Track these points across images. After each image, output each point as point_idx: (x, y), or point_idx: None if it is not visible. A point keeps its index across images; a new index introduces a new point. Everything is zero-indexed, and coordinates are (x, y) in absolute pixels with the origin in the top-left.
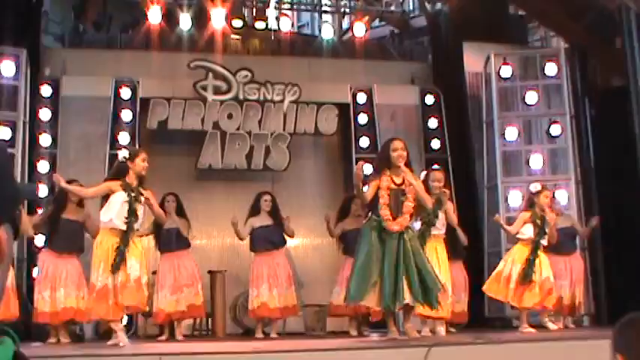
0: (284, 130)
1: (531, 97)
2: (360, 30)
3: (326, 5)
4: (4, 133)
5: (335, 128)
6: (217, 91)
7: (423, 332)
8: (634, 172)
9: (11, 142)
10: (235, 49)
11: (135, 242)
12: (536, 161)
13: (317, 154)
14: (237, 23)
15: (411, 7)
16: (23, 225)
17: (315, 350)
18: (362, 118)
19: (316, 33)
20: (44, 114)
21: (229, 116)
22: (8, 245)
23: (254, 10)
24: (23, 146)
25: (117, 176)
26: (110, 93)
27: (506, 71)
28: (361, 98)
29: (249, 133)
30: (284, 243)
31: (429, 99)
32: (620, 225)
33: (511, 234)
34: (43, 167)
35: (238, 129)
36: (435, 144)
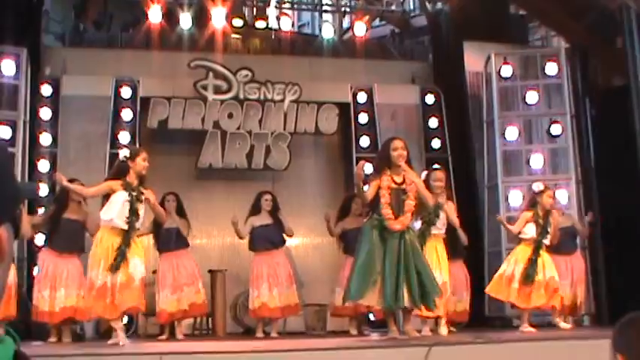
0: (284, 130)
1: (532, 97)
2: (361, 29)
3: (326, 4)
4: (5, 133)
5: (335, 128)
6: (218, 91)
7: (424, 332)
8: (635, 172)
9: (11, 142)
10: (236, 49)
11: (135, 241)
12: (536, 161)
13: (317, 154)
14: (237, 22)
15: (412, 7)
16: (23, 225)
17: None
18: (362, 118)
19: (317, 32)
20: (44, 113)
21: (230, 116)
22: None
23: (254, 10)
24: (23, 145)
25: (117, 176)
26: (110, 92)
27: (506, 71)
28: (362, 98)
29: (249, 133)
30: (283, 243)
31: (430, 98)
32: (620, 224)
33: (513, 233)
34: (44, 166)
35: (239, 128)
36: (436, 143)
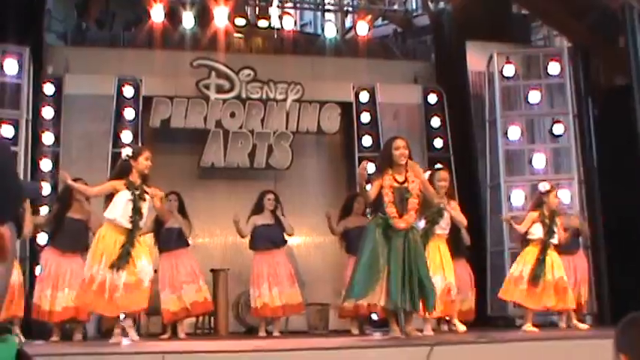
0: (286, 129)
1: (534, 97)
2: (363, 29)
3: (329, 4)
4: (7, 132)
5: (337, 127)
6: (220, 90)
7: (425, 331)
8: (637, 172)
9: (14, 141)
10: (238, 48)
11: (139, 241)
12: (538, 160)
13: (319, 153)
14: (239, 22)
15: (414, 6)
16: (26, 225)
17: (317, 349)
18: (364, 117)
19: (319, 32)
20: (47, 112)
21: (232, 115)
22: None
23: (257, 9)
24: (26, 144)
25: (120, 175)
26: (113, 91)
27: (509, 70)
28: (364, 97)
29: (251, 132)
30: (284, 242)
31: (432, 98)
32: (622, 224)
33: (520, 232)
34: (46, 165)
35: (241, 127)
36: (438, 143)
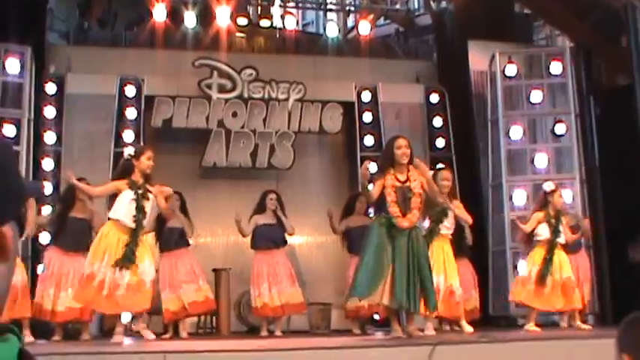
0: (288, 129)
1: (536, 96)
2: (365, 28)
3: (331, 3)
4: (9, 131)
5: (340, 127)
6: (222, 90)
7: (427, 331)
8: (639, 171)
9: (16, 140)
10: (240, 48)
11: (142, 241)
12: (540, 160)
13: (321, 153)
14: (242, 21)
15: (416, 6)
16: (28, 224)
17: (319, 348)
18: (367, 117)
19: (321, 31)
20: (49, 111)
21: (234, 114)
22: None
23: (259, 9)
24: (28, 144)
25: (122, 175)
26: (115, 91)
27: (511, 70)
28: (366, 97)
29: (253, 132)
30: (285, 243)
31: (434, 97)
32: (624, 224)
33: (526, 232)
34: (48, 165)
35: (243, 127)
36: (440, 142)
